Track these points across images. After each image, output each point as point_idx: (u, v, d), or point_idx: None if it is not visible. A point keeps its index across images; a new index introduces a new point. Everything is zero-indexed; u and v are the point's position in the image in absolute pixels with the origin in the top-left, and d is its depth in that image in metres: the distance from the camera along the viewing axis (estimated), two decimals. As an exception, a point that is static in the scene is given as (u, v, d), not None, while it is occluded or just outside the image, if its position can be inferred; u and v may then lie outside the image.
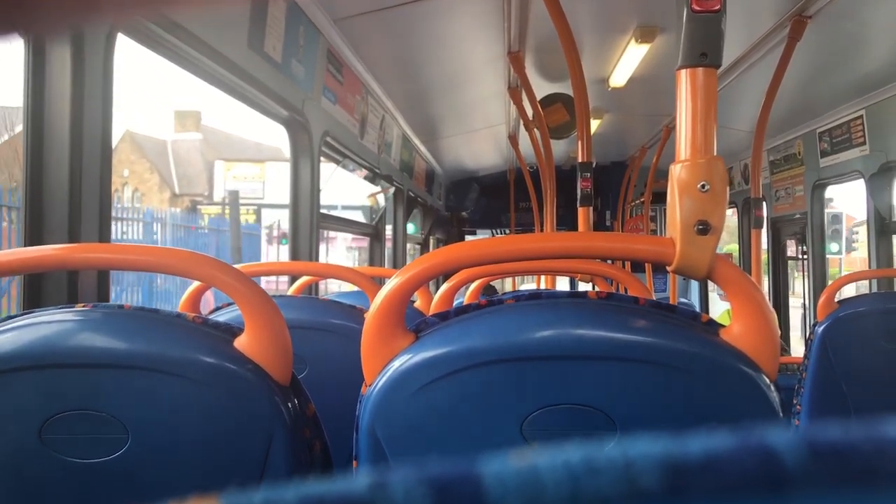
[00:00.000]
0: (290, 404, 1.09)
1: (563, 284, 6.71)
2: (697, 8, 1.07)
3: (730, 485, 0.23)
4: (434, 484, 0.23)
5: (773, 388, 1.01)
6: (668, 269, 1.07)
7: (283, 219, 21.77)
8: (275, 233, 21.62)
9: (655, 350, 1.00)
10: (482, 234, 9.40)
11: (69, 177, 1.63)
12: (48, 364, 1.05)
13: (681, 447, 0.24)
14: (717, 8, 1.07)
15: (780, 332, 1.06)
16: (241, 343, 1.09)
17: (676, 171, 1.08)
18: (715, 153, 1.09)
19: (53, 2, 0.25)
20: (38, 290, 1.61)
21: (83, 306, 1.14)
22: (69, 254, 1.20)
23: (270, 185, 22.86)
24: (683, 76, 1.10)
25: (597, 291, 1.11)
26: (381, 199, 5.70)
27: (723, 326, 1.05)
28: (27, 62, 1.60)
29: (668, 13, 1.13)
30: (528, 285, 7.93)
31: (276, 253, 20.36)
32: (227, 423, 1.06)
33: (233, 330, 1.12)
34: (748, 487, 0.23)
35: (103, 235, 1.72)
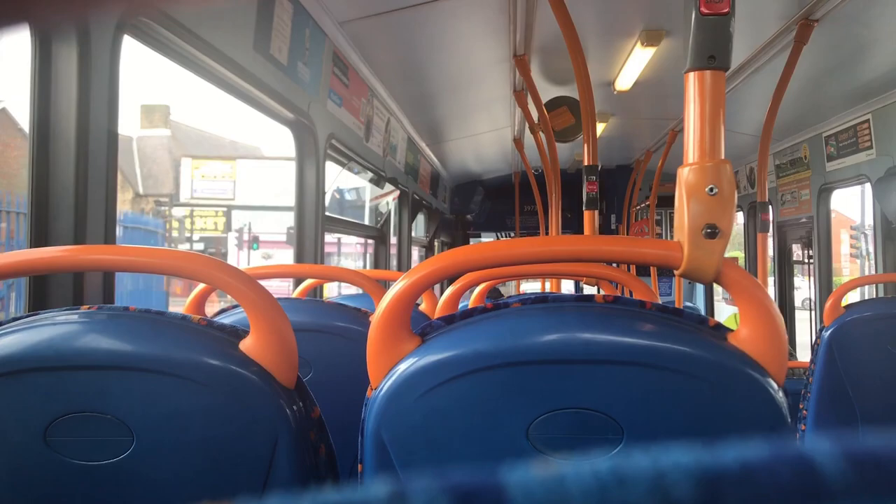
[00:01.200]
0: (295, 407, 1.08)
1: (567, 286, 6.70)
2: (706, 10, 1.07)
3: (767, 497, 0.22)
4: (456, 493, 0.23)
5: (780, 392, 1.00)
6: (676, 273, 1.07)
7: (254, 221, 20.05)
8: (245, 237, 20.11)
9: (662, 354, 1.00)
10: (486, 237, 9.40)
11: (75, 179, 1.63)
12: (53, 366, 1.04)
13: (714, 458, 0.23)
14: (725, 10, 1.07)
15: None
16: (246, 346, 1.08)
17: (684, 175, 1.08)
18: (723, 156, 1.09)
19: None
20: (44, 291, 1.61)
21: (89, 308, 1.14)
22: (75, 255, 1.19)
23: (242, 184, 21.30)
24: (691, 79, 1.10)
25: (603, 295, 1.11)
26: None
27: (730, 331, 1.05)
28: (34, 63, 1.60)
29: (673, 17, 1.12)
30: (531, 284, 7.91)
31: (246, 260, 19.32)
32: (233, 425, 1.06)
33: (238, 332, 1.11)
34: (786, 500, 0.22)
35: (109, 237, 1.72)
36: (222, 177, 21.85)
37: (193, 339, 1.09)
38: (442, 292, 2.14)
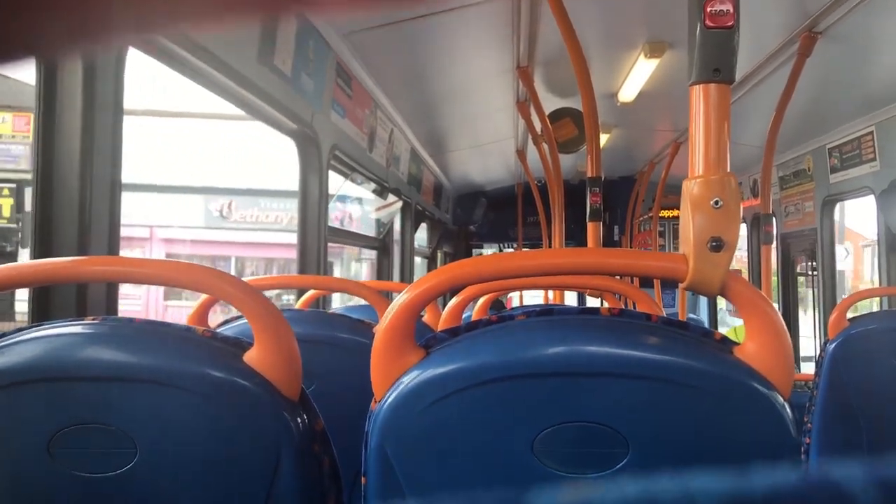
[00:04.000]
0: (298, 419, 1.08)
1: (570, 297, 6.69)
2: (711, 24, 1.07)
3: None
4: None
5: (787, 406, 1.00)
6: (681, 286, 1.06)
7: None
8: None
9: (668, 367, 0.99)
10: (489, 248, 9.40)
11: (79, 190, 1.63)
12: (57, 377, 1.04)
13: (745, 483, 0.23)
14: (730, 24, 1.07)
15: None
16: (250, 357, 1.08)
17: (689, 188, 1.08)
18: (728, 169, 1.09)
19: (65, 25, 0.24)
20: (47, 302, 1.61)
21: (92, 319, 1.13)
22: (78, 266, 1.19)
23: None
24: (696, 92, 1.10)
25: (609, 308, 1.10)
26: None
27: (736, 344, 1.04)
28: (39, 73, 1.61)
29: (677, 28, 1.13)
30: (534, 293, 7.90)
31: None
32: (236, 437, 1.06)
33: (242, 344, 1.11)
34: None
35: (112, 248, 1.72)
36: (11, 136, 16.55)
37: (197, 350, 1.09)
38: (445, 304, 2.13)
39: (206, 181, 13.56)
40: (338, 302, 5.60)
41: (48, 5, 0.23)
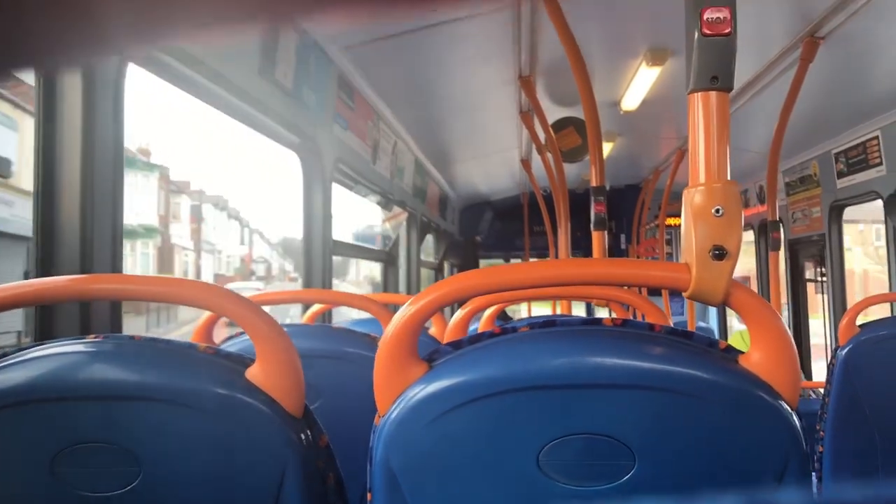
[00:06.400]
0: (302, 436, 1.07)
1: (578, 308, 6.66)
2: (708, 31, 1.06)
3: None
4: None
5: (794, 415, 0.98)
6: (684, 295, 1.06)
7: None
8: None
9: (673, 378, 0.98)
10: (496, 259, 9.39)
11: (80, 207, 1.63)
12: (60, 396, 1.04)
13: (753, 493, 0.22)
14: (727, 31, 1.06)
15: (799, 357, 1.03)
16: (252, 374, 1.08)
17: (691, 196, 1.07)
18: (729, 177, 1.08)
19: (64, 38, 0.24)
20: (51, 321, 1.61)
21: (94, 337, 1.13)
22: (82, 284, 1.19)
23: None
24: (695, 100, 1.09)
25: (612, 318, 1.09)
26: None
27: (741, 353, 1.03)
28: (38, 89, 1.61)
29: (678, 36, 1.12)
30: (543, 308, 7.89)
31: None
32: (240, 455, 1.05)
33: (245, 361, 1.11)
34: None
35: (116, 266, 1.72)
36: None
37: (199, 367, 1.08)
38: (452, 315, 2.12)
39: None
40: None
41: (47, 18, 0.23)
